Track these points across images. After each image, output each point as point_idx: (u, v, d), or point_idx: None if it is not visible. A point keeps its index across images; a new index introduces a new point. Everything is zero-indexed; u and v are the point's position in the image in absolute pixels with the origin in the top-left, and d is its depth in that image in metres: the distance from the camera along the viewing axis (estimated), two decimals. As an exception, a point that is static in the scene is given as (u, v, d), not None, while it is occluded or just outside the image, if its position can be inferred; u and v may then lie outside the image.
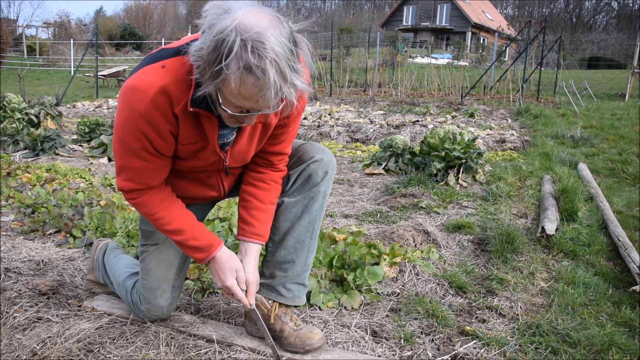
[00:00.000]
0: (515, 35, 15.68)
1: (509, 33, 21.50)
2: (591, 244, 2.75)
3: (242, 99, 1.22)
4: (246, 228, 1.62)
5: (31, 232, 2.94)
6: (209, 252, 1.55)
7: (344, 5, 65.58)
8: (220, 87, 1.21)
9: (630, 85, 13.03)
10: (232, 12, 1.16)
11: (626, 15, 48.61)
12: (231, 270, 1.55)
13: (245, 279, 1.57)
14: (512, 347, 1.78)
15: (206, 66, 1.19)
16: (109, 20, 42.57)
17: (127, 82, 1.34)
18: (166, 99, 1.32)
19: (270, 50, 1.13)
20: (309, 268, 1.78)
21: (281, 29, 1.17)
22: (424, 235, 2.83)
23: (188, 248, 1.56)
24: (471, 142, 4.36)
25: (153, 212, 1.52)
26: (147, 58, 1.39)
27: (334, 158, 1.71)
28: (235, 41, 1.12)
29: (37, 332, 1.79)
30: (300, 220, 1.69)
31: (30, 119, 6.70)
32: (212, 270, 1.59)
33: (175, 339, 1.75)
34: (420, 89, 14.64)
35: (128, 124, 1.36)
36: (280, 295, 1.75)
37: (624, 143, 6.30)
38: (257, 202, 1.62)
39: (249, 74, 1.15)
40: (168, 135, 1.39)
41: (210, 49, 1.16)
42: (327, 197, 1.71)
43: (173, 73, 1.31)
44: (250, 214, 1.62)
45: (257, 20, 1.15)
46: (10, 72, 19.71)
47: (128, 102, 1.33)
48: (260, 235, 1.63)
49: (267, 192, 1.64)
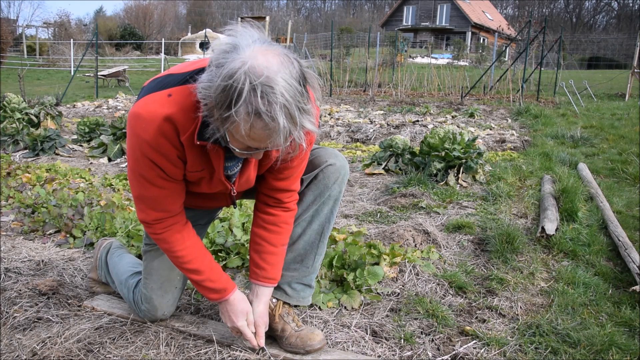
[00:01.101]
0: (515, 35, 15.69)
1: (509, 33, 21.51)
2: (591, 244, 2.75)
3: (251, 141, 1.20)
4: (258, 272, 1.64)
5: (31, 232, 2.94)
6: (223, 295, 1.59)
7: (344, 5, 65.61)
8: (229, 128, 1.19)
9: (630, 85, 13.03)
10: (241, 51, 1.14)
11: (626, 15, 48.62)
12: (242, 313, 1.60)
13: (255, 321, 1.62)
14: (512, 347, 1.78)
15: (214, 107, 1.17)
16: (109, 20, 42.58)
17: (133, 110, 1.33)
18: (172, 127, 1.30)
19: (279, 95, 1.11)
20: (316, 270, 1.79)
21: (291, 70, 1.15)
22: (424, 235, 2.83)
23: (204, 288, 1.59)
24: (471, 142, 4.36)
25: (174, 250, 1.54)
26: (152, 84, 1.37)
27: (347, 163, 1.71)
28: (244, 87, 1.10)
29: (37, 332, 1.79)
30: (312, 225, 1.71)
31: (30, 119, 6.70)
32: (223, 311, 1.62)
33: (175, 339, 1.75)
34: (420, 89, 14.64)
35: (137, 153, 1.35)
36: (286, 295, 1.76)
37: (624, 143, 6.30)
38: (269, 246, 1.63)
39: (258, 119, 1.13)
40: (177, 160, 1.38)
41: (218, 92, 1.13)
42: (339, 201, 1.71)
43: (179, 102, 1.29)
44: (263, 258, 1.63)
45: (266, 62, 1.12)
46: (10, 72, 19.72)
47: (134, 132, 1.33)
48: (273, 279, 1.65)
49: (278, 236, 1.63)
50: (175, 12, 52.43)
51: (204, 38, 20.65)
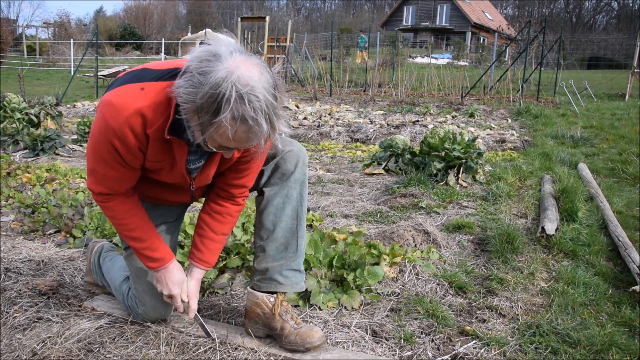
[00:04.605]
0: (515, 35, 15.68)
1: (509, 33, 21.50)
2: (591, 244, 2.75)
3: (230, 141, 1.30)
4: (196, 253, 1.74)
5: (31, 232, 2.94)
6: (162, 263, 1.67)
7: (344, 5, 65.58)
8: (212, 131, 1.27)
9: (630, 85, 13.03)
10: (224, 60, 1.24)
11: (626, 15, 48.60)
12: (179, 282, 1.69)
13: (188, 291, 1.72)
14: (512, 347, 1.78)
15: (197, 111, 1.26)
16: (109, 20, 42.55)
17: (106, 97, 1.41)
18: (140, 121, 1.38)
19: (263, 102, 1.24)
20: (302, 254, 1.82)
21: (268, 79, 1.27)
22: (424, 235, 2.83)
23: (144, 257, 1.66)
24: (471, 142, 4.36)
25: (119, 218, 1.61)
26: (128, 75, 1.45)
27: (303, 147, 1.80)
28: (232, 94, 1.21)
29: (37, 332, 1.80)
30: (284, 210, 1.75)
31: (30, 119, 6.70)
32: (160, 279, 1.69)
33: (175, 338, 1.75)
34: (420, 89, 14.63)
35: (101, 136, 1.42)
36: (279, 284, 1.77)
37: (624, 143, 6.30)
38: (211, 232, 1.73)
39: (243, 123, 1.24)
40: (137, 151, 1.45)
41: (205, 98, 1.23)
42: (305, 184, 1.78)
43: (151, 97, 1.37)
44: (203, 242, 1.74)
45: (248, 72, 1.24)
46: (10, 72, 19.72)
47: (103, 117, 1.39)
48: (207, 263, 1.75)
49: (221, 225, 1.74)
50: (175, 12, 52.42)
51: (204, 38, 20.65)
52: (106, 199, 1.58)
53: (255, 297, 1.78)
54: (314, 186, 4.20)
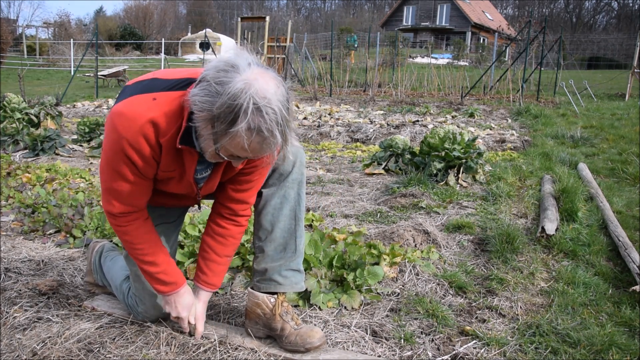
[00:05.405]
0: (515, 35, 15.69)
1: (509, 33, 21.51)
2: (591, 244, 2.75)
3: (243, 151, 1.31)
4: (201, 276, 1.77)
5: (31, 232, 2.94)
6: (174, 288, 1.69)
7: (344, 5, 65.60)
8: (226, 140, 1.29)
9: (630, 85, 13.03)
10: (242, 71, 1.26)
11: (626, 15, 48.60)
12: (188, 306, 1.73)
13: (195, 313, 1.75)
14: (512, 347, 1.78)
15: (213, 120, 1.27)
16: (109, 20, 42.58)
17: (116, 109, 1.40)
18: (153, 130, 1.38)
19: (279, 115, 1.27)
20: (301, 254, 1.82)
21: (283, 92, 1.30)
22: (424, 235, 2.83)
23: (157, 280, 1.67)
24: (471, 142, 4.36)
25: (135, 242, 1.61)
26: (138, 85, 1.45)
27: (302, 147, 1.80)
28: (249, 106, 1.23)
29: (37, 332, 1.79)
30: (282, 211, 1.76)
31: (30, 119, 6.70)
32: (170, 302, 1.71)
33: (175, 338, 1.75)
34: (420, 89, 14.63)
35: (115, 147, 1.41)
36: (278, 284, 1.78)
37: (624, 143, 6.30)
38: (214, 255, 1.75)
39: (258, 134, 1.26)
40: (152, 160, 1.45)
41: (223, 108, 1.24)
42: (303, 184, 1.78)
43: (164, 106, 1.38)
44: (207, 265, 1.76)
45: (266, 85, 1.26)
46: (10, 72, 19.72)
47: (115, 129, 1.39)
48: (213, 285, 1.78)
49: (224, 247, 1.75)
50: (175, 12, 52.44)
51: (204, 38, 20.64)
52: (126, 222, 1.57)
53: (255, 298, 1.78)
54: (314, 186, 4.20)
